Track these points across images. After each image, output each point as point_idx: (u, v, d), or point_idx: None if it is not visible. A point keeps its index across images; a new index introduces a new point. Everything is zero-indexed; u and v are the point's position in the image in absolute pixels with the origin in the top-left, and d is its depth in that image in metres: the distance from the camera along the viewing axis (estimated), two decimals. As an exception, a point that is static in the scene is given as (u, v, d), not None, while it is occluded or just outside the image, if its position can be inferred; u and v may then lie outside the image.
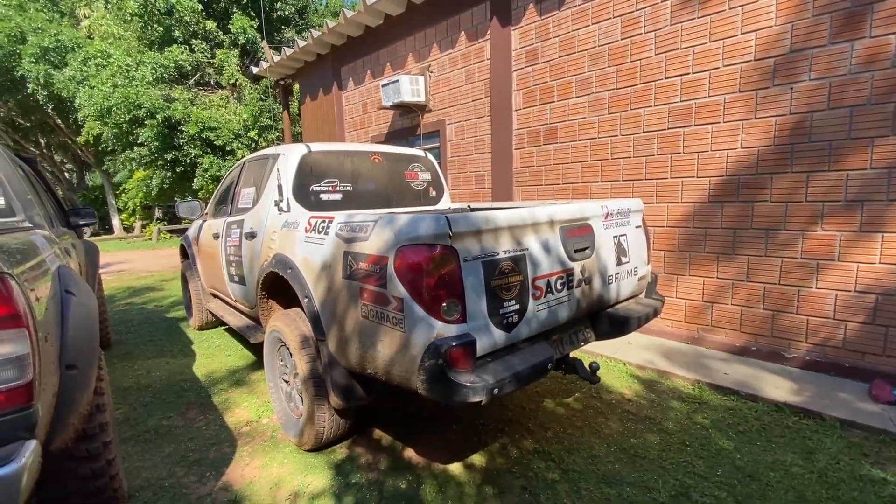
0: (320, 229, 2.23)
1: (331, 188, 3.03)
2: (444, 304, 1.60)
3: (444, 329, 1.61)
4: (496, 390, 1.59)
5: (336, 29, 6.30)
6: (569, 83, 4.32)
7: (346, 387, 2.14)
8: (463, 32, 5.20)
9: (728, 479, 2.16)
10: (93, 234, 19.77)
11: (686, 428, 2.61)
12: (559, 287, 1.95)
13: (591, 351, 3.67)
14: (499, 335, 1.75)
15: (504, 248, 1.78)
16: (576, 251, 2.04)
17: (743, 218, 3.46)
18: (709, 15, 3.43)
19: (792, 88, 3.14)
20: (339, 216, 2.15)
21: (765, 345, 3.46)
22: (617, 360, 3.59)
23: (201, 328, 4.82)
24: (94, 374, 1.57)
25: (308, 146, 3.00)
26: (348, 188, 3.12)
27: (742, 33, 3.30)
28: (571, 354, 2.33)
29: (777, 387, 3.02)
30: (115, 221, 21.15)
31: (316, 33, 6.69)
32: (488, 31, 4.92)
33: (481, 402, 1.56)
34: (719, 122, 3.48)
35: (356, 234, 1.93)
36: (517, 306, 1.80)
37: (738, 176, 3.44)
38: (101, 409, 1.69)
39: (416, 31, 5.74)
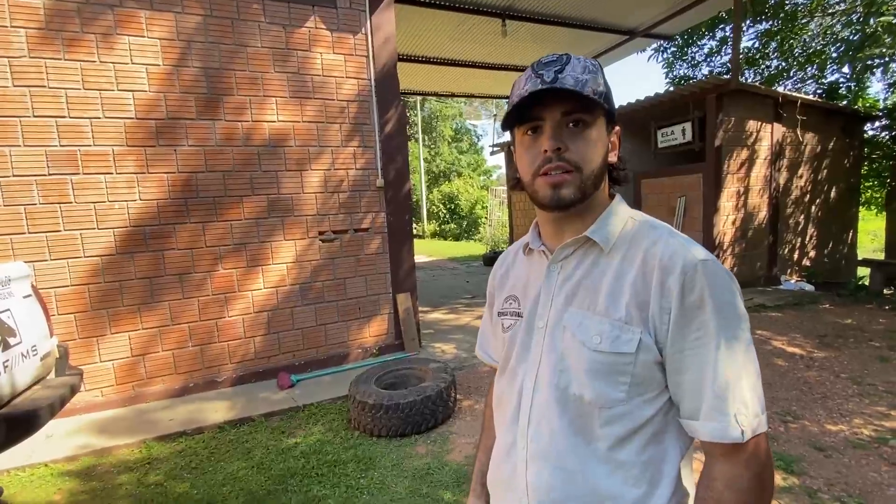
0: None
1: None
2: None
3: None
4: None
5: None
6: None
7: None
8: None
9: (190, 519, 2.24)
10: None
11: (140, 496, 2.43)
12: None
13: (-17, 475, 2.61)
14: None
15: None
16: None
17: (157, 266, 3.58)
18: (79, 61, 3.26)
19: (176, 150, 3.58)
20: None
21: (200, 378, 3.77)
22: (35, 464, 2.75)
23: None
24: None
25: None
26: None
27: (119, 90, 3.38)
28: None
29: (216, 411, 3.40)
30: None
31: None
32: None
33: None
34: (113, 173, 3.40)
35: None
36: None
37: (144, 227, 3.52)
38: None
39: None
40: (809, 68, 9.08)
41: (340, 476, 2.52)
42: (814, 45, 9.03)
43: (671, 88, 9.18)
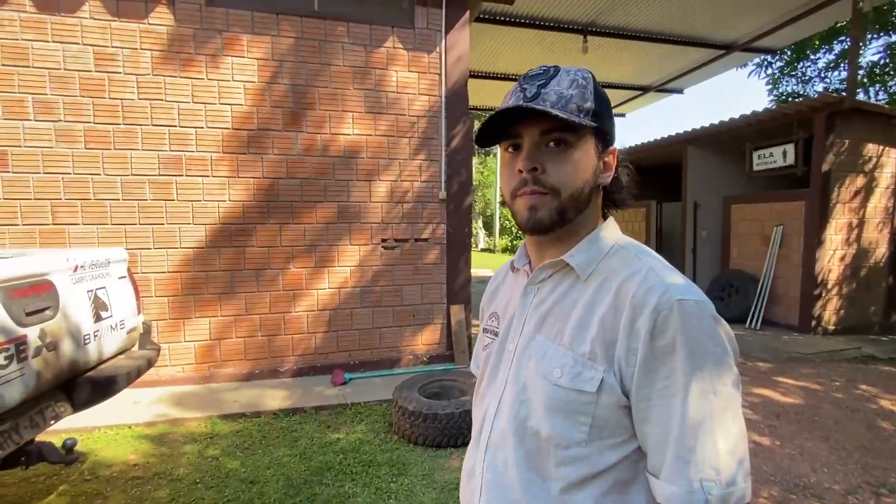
0: None
1: None
2: None
3: None
4: None
5: None
6: (23, 101, 3.47)
7: None
8: None
9: (235, 494, 2.43)
10: None
11: (198, 466, 2.69)
12: (4, 362, 1.55)
13: (88, 425, 3.05)
14: None
15: None
16: (28, 314, 1.69)
17: (238, 261, 3.98)
18: (190, 78, 3.76)
19: (262, 158, 3.97)
20: None
21: (265, 366, 4.10)
22: (121, 425, 3.17)
23: None
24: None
25: None
26: None
27: (220, 103, 3.85)
28: (38, 439, 1.88)
29: (274, 398, 3.66)
30: None
31: None
32: None
33: None
34: (209, 176, 3.86)
35: None
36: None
37: (231, 225, 3.94)
38: None
39: None
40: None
41: (373, 477, 2.58)
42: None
43: (772, 106, 8.31)
